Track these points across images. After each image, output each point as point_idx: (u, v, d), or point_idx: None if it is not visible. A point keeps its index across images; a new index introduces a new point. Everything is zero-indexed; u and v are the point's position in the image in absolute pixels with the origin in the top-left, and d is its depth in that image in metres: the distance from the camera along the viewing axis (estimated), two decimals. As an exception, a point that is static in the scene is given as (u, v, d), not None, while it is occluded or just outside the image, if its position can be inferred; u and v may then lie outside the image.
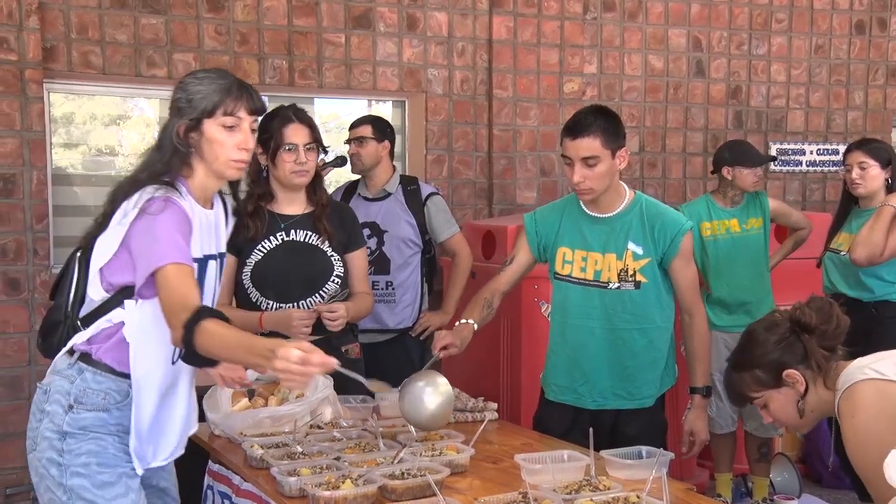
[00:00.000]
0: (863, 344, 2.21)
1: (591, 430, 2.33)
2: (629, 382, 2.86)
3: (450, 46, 5.25)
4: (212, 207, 2.27)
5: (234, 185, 2.35)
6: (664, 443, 2.83)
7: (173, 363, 2.16)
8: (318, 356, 1.92)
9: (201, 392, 2.75)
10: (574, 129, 2.76)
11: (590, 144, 2.72)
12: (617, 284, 2.80)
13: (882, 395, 1.98)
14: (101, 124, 4.96)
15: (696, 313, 2.92)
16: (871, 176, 3.88)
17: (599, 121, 2.75)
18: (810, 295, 2.27)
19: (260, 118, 2.26)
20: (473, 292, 4.46)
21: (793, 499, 4.50)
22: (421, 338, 4.08)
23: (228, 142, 2.15)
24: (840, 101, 6.21)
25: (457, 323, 2.90)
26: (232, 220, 2.39)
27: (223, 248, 2.33)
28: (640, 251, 2.81)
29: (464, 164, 5.35)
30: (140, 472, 2.16)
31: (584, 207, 2.88)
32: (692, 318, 2.92)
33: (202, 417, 2.68)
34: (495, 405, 2.96)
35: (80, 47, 4.50)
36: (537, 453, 2.27)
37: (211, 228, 2.24)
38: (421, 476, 2.09)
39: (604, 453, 2.31)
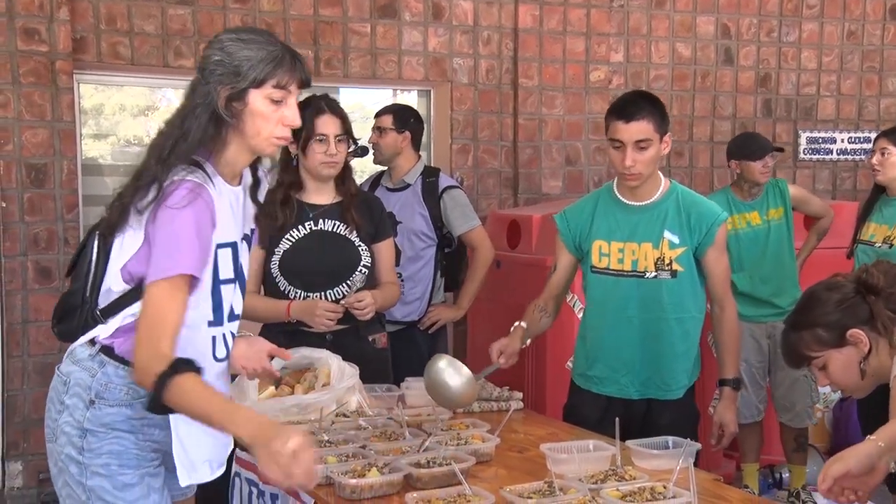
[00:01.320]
0: None
1: (616, 420, 2.32)
2: (664, 373, 2.86)
3: (475, 35, 5.23)
4: (240, 183, 2.08)
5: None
6: (695, 433, 2.82)
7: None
8: (305, 464, 1.71)
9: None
10: (626, 112, 2.75)
11: (643, 128, 2.72)
12: (654, 273, 2.79)
13: None
14: (130, 115, 5.01)
15: (728, 305, 2.91)
16: (891, 163, 3.84)
17: (649, 104, 2.77)
18: (875, 259, 2.26)
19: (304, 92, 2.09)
20: (498, 283, 4.50)
21: (821, 490, 4.48)
22: (430, 331, 4.02)
23: (273, 116, 1.95)
24: (872, 88, 6.11)
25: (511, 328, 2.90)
26: (263, 185, 2.18)
27: (252, 224, 2.15)
28: (676, 240, 2.80)
29: (489, 153, 5.34)
30: (184, 483, 2.04)
31: (619, 196, 2.87)
32: (723, 310, 2.90)
33: (230, 405, 2.70)
34: (520, 394, 2.96)
35: (108, 38, 4.54)
36: (563, 443, 2.27)
37: (239, 207, 2.07)
38: (446, 465, 2.10)
39: (630, 443, 2.31)
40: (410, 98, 5.39)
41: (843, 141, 6.03)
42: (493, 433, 2.41)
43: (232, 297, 2.06)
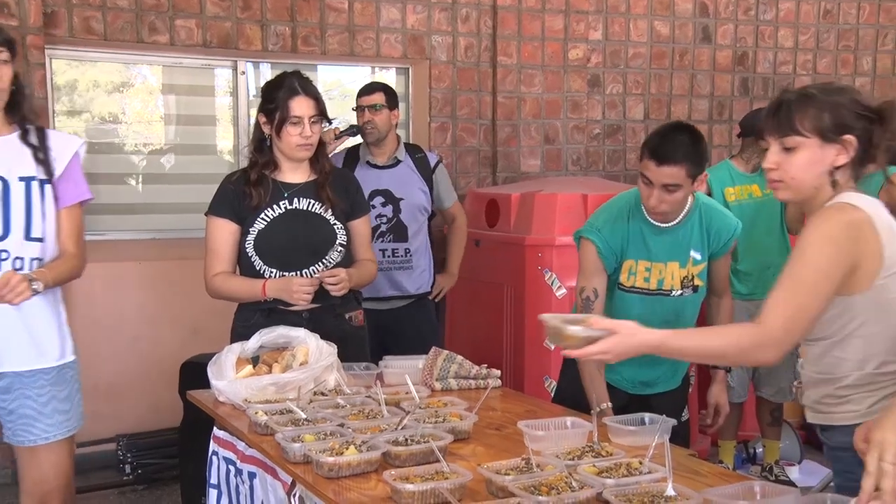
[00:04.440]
0: None
1: (594, 397, 2.33)
2: (671, 373, 2.94)
3: (454, 12, 5.20)
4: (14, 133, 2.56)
5: None
6: (685, 401, 2.92)
7: None
8: None
9: (206, 359, 2.77)
10: (660, 153, 2.60)
11: (675, 173, 2.60)
12: (679, 291, 2.80)
13: (855, 228, 1.90)
14: (105, 92, 4.94)
15: (725, 294, 3.00)
16: None
17: (686, 146, 2.62)
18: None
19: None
20: (477, 261, 4.50)
21: (794, 464, 4.56)
22: (436, 300, 4.20)
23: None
24: (848, 67, 6.15)
25: (591, 411, 2.56)
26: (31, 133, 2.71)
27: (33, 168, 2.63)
28: (699, 257, 2.81)
29: (468, 131, 5.32)
30: None
31: (648, 218, 2.77)
32: (721, 298, 2.99)
33: (207, 384, 2.70)
34: (499, 372, 2.97)
35: (81, 13, 4.46)
36: (540, 420, 2.28)
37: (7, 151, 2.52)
38: (424, 442, 2.10)
39: (607, 420, 2.33)
40: (389, 76, 5.36)
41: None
42: (471, 411, 2.42)
43: None
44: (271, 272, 2.97)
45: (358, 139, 4.14)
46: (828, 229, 1.91)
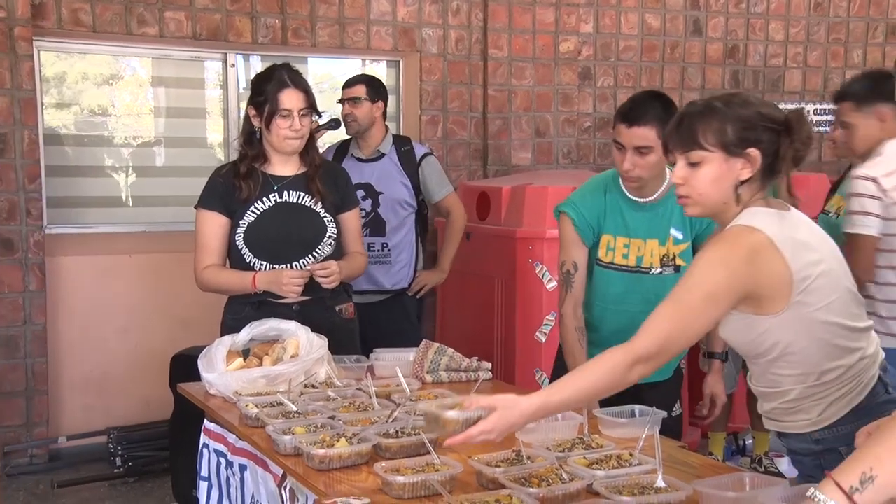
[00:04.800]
0: None
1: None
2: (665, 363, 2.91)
3: (444, 5, 5.19)
4: None
5: None
6: (679, 394, 2.90)
7: None
8: None
9: (196, 352, 2.77)
10: (630, 115, 2.64)
11: (645, 134, 2.61)
12: (659, 270, 2.77)
13: (752, 252, 1.84)
14: (94, 84, 4.91)
15: None
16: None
17: (657, 109, 2.63)
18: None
19: None
20: (468, 254, 4.50)
21: (783, 456, 4.58)
22: (417, 296, 4.11)
23: None
24: (838, 59, 6.17)
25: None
26: None
27: None
28: (680, 236, 2.79)
29: (458, 124, 5.32)
30: None
31: (626, 192, 2.78)
32: None
33: (197, 377, 2.69)
34: (490, 365, 2.97)
35: (69, 4, 4.44)
36: (531, 412, 2.28)
37: None
38: (415, 435, 2.11)
39: (597, 412, 2.33)
40: (379, 69, 5.34)
41: (808, 113, 6.09)
42: (462, 403, 2.42)
43: None
44: (261, 265, 2.97)
45: (340, 132, 4.12)
46: (722, 253, 1.86)
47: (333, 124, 4.09)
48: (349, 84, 4.07)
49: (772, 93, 5.98)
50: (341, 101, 4.07)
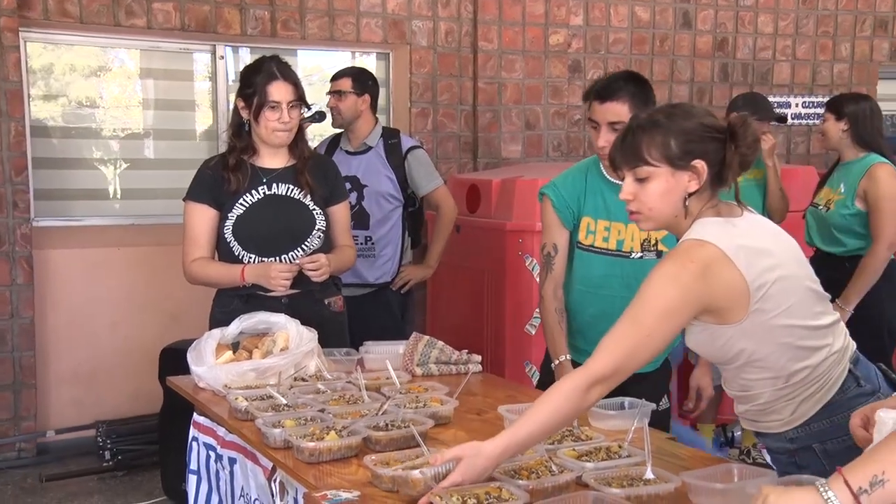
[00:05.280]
0: (833, 295, 2.19)
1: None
2: None
3: (434, -3, 5.17)
4: None
5: None
6: (667, 387, 2.89)
7: None
8: None
9: (186, 345, 2.76)
10: (603, 92, 2.66)
11: (618, 109, 2.62)
12: (640, 254, 2.76)
13: (704, 267, 1.83)
14: (81, 76, 4.88)
15: None
16: (824, 127, 3.99)
17: (630, 86, 2.65)
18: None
19: None
20: (458, 247, 4.50)
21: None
22: (402, 291, 4.08)
23: None
24: (826, 53, 6.19)
25: (552, 364, 2.74)
26: None
27: None
28: None
29: (448, 117, 5.31)
30: None
31: (605, 174, 2.77)
32: None
33: (187, 370, 2.69)
34: (479, 357, 2.97)
35: (56, -4, 4.40)
36: (521, 405, 2.29)
37: None
38: (405, 427, 2.11)
39: (586, 405, 2.34)
40: (369, 61, 5.33)
41: (797, 105, 6.11)
42: (452, 396, 2.42)
43: None
44: (250, 258, 2.96)
45: (325, 125, 4.11)
46: (675, 269, 1.85)
47: (318, 117, 4.07)
48: (336, 77, 4.07)
49: (761, 85, 5.99)
50: (329, 93, 4.07)
